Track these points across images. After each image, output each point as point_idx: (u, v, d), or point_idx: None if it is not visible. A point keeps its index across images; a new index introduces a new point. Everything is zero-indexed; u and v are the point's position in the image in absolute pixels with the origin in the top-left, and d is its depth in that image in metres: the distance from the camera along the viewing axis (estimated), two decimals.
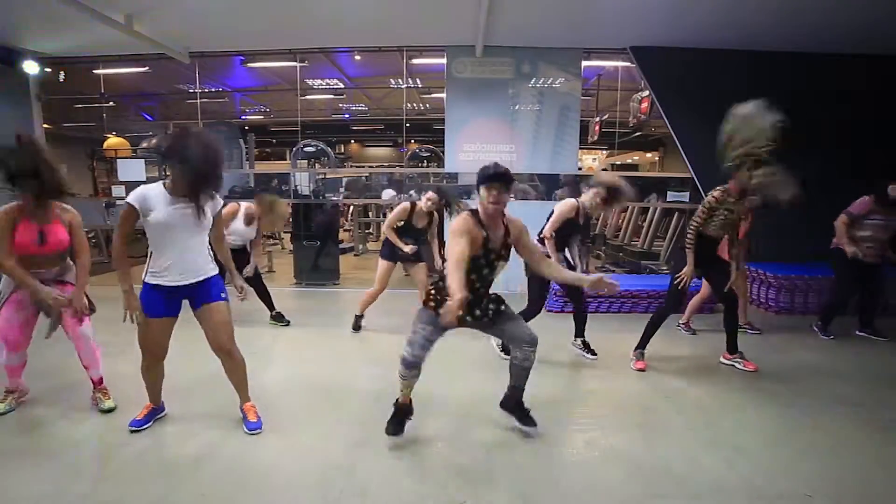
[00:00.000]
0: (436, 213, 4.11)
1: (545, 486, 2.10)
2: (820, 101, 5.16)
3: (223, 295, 2.38)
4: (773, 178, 2.92)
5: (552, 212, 3.50)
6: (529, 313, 3.44)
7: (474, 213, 2.26)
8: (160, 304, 2.28)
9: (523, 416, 2.52)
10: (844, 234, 3.97)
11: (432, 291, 2.35)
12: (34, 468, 2.16)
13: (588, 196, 3.45)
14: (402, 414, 2.45)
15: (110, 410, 2.61)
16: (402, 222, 4.01)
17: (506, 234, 2.30)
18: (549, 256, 3.23)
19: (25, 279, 2.39)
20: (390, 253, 4.07)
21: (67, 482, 2.06)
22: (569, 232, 3.50)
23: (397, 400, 2.45)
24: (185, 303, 2.37)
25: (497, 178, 2.18)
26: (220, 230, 2.54)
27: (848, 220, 3.99)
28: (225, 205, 4.11)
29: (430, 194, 3.97)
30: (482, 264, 2.27)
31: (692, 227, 3.23)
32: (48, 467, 2.17)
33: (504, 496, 2.02)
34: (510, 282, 4.01)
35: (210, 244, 2.44)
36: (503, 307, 2.42)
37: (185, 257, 2.26)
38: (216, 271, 2.40)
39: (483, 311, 2.36)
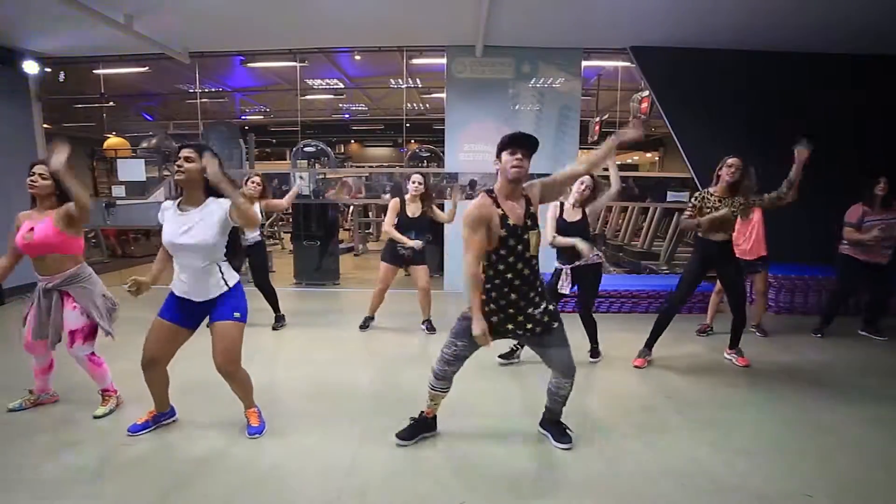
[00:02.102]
0: (423, 198, 3.99)
1: (545, 485, 2.10)
2: (820, 102, 5.16)
3: (236, 315, 2.28)
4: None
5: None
6: None
7: (490, 191, 2.10)
8: (171, 307, 2.31)
9: (557, 433, 2.41)
10: (863, 237, 3.95)
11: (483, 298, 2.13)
12: (36, 466, 2.16)
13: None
14: (421, 425, 2.44)
15: (97, 417, 2.60)
16: (398, 218, 3.99)
17: (528, 205, 2.09)
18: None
19: None
20: (391, 256, 4.03)
21: (69, 482, 2.06)
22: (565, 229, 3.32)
23: (422, 411, 2.44)
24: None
25: (520, 141, 2.00)
26: (251, 212, 2.14)
27: (854, 228, 4.01)
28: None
29: (415, 176, 3.96)
30: (512, 246, 2.05)
31: (686, 214, 3.32)
32: (50, 466, 2.17)
33: (504, 496, 2.02)
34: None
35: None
36: (555, 325, 2.18)
37: (191, 278, 2.23)
38: (227, 288, 2.28)
39: (520, 325, 2.14)
